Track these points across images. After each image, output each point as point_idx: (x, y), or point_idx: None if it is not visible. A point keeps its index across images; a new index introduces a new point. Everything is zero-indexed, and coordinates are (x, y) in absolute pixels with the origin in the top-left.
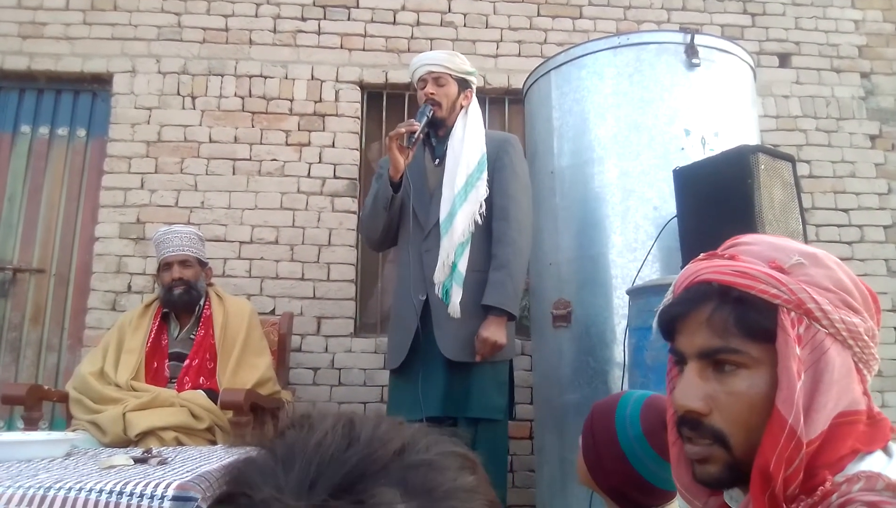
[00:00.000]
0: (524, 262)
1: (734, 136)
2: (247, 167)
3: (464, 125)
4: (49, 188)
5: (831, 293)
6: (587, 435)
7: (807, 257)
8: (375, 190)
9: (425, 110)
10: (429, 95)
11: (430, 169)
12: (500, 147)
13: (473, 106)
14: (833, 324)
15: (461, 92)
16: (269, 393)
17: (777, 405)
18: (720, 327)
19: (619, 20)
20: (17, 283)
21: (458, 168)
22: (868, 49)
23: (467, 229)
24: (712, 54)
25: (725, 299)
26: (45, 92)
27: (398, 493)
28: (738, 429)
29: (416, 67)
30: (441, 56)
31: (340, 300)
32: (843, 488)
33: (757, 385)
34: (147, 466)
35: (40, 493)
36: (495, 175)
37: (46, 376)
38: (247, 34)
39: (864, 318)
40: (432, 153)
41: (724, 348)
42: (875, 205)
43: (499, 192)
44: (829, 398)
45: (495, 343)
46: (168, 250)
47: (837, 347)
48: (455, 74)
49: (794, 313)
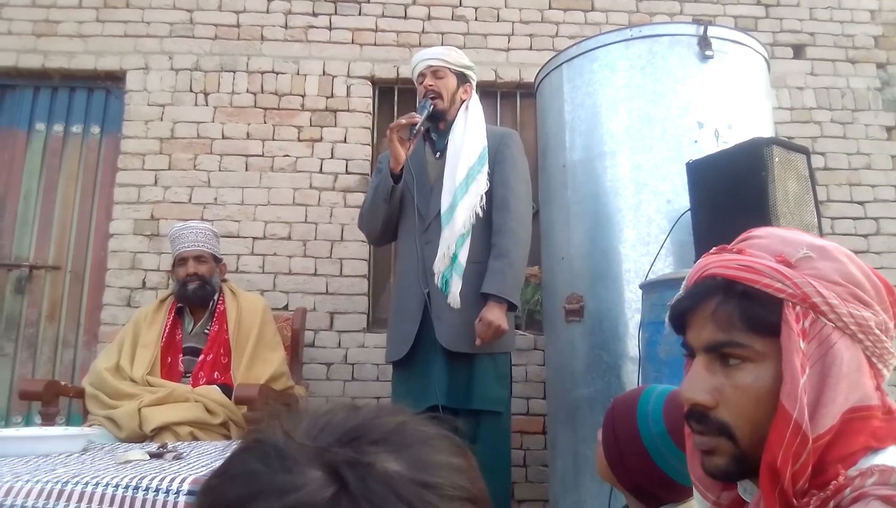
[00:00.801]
0: (524, 252)
1: (748, 128)
2: (259, 163)
3: (465, 119)
4: (64, 185)
5: (840, 287)
6: (608, 431)
7: (815, 251)
8: (376, 183)
9: (426, 104)
10: (428, 88)
11: (431, 162)
12: (500, 141)
13: (474, 101)
14: (841, 318)
15: (460, 86)
16: (282, 388)
17: (781, 399)
18: (725, 321)
19: (632, 12)
20: (33, 280)
21: (459, 161)
22: (884, 39)
23: (468, 221)
24: (725, 46)
25: (730, 294)
26: (59, 90)
27: (393, 453)
28: (744, 422)
29: (415, 64)
30: (438, 50)
31: (353, 296)
32: (856, 482)
33: (762, 379)
34: (162, 461)
35: (58, 487)
36: (496, 168)
37: (63, 372)
38: (258, 30)
39: (875, 312)
40: (433, 147)
41: (729, 341)
42: (891, 197)
43: (499, 183)
44: (838, 392)
45: (498, 328)
46: (183, 246)
47: (846, 341)
48: (453, 68)
49: (799, 308)
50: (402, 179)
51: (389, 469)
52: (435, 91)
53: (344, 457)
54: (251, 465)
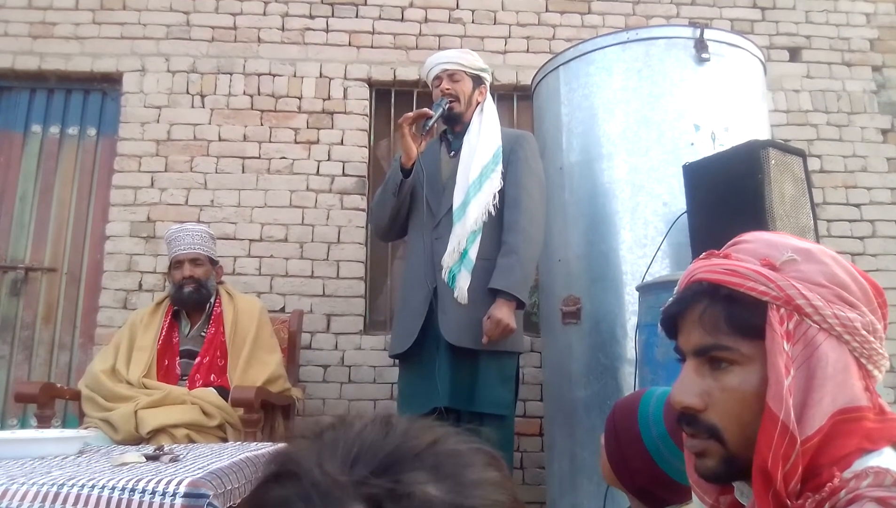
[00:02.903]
0: (535, 251)
1: (744, 131)
2: (256, 165)
3: (480, 120)
4: (60, 187)
5: (824, 289)
6: (610, 434)
7: (800, 253)
8: (387, 177)
9: (441, 103)
10: (445, 92)
11: (445, 160)
12: (515, 141)
13: (489, 103)
14: (826, 319)
15: (476, 88)
16: (279, 391)
17: (767, 400)
18: (711, 325)
19: (628, 15)
20: (29, 282)
21: (473, 159)
22: (880, 42)
23: (480, 218)
24: (722, 49)
25: (716, 298)
26: (55, 92)
27: (430, 477)
28: (731, 424)
29: (430, 67)
30: (454, 54)
31: (350, 298)
32: (851, 484)
33: (748, 381)
34: (159, 463)
35: (54, 490)
36: (509, 167)
37: (59, 374)
38: (255, 32)
39: (861, 313)
40: (448, 147)
41: (716, 345)
42: (887, 200)
43: (512, 183)
44: (825, 393)
45: (507, 326)
46: (179, 249)
47: (832, 342)
48: (469, 71)
49: (783, 310)
50: (412, 174)
51: (429, 495)
52: (452, 95)
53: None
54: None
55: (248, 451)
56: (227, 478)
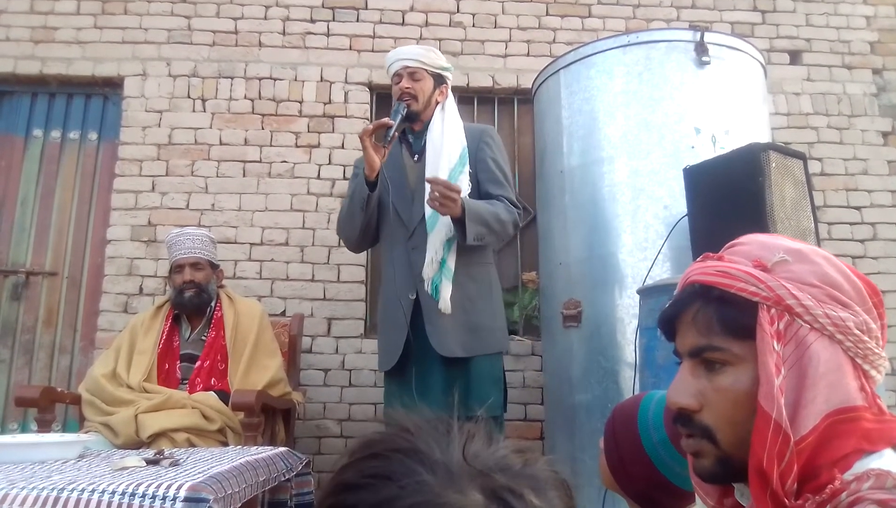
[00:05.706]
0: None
1: (745, 134)
2: (257, 169)
3: (441, 119)
4: (61, 192)
5: (815, 288)
6: (609, 439)
7: (792, 254)
8: (352, 190)
9: (399, 109)
10: (404, 90)
11: (410, 166)
12: (479, 138)
13: (450, 101)
14: (817, 319)
15: (437, 87)
16: (280, 394)
17: (759, 400)
18: (704, 326)
19: (629, 18)
20: (29, 286)
21: (439, 163)
22: (880, 45)
23: (453, 225)
24: (722, 52)
25: (708, 299)
26: (56, 96)
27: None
28: (725, 424)
29: (391, 62)
30: (416, 51)
31: (350, 302)
32: (852, 486)
33: (740, 381)
34: (159, 467)
35: (54, 494)
36: (479, 165)
37: (59, 378)
38: (256, 36)
39: (854, 312)
40: (410, 149)
41: (708, 346)
42: (888, 202)
43: (486, 180)
44: (817, 392)
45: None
46: (180, 253)
47: (824, 342)
48: (430, 70)
49: (774, 310)
50: (377, 186)
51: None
52: (410, 93)
53: (504, 485)
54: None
55: (249, 455)
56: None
